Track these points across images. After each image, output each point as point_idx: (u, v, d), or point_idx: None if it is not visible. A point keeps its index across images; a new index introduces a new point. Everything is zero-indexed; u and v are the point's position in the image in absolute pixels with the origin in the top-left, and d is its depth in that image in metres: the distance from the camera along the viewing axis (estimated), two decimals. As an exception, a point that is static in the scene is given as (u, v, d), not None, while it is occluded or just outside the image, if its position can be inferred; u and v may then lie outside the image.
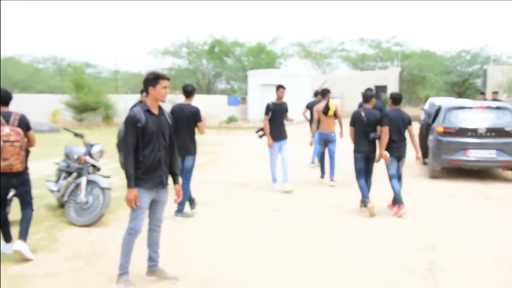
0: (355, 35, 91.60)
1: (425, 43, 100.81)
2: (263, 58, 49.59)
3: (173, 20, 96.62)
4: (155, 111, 6.09)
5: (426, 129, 15.03)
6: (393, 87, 40.50)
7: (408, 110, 45.50)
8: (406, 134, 9.99)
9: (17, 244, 7.14)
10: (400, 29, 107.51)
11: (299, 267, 6.87)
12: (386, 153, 9.72)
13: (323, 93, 13.49)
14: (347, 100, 42.90)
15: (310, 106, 15.33)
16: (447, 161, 13.26)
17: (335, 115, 13.04)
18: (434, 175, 13.77)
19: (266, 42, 51.86)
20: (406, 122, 10.00)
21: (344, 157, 12.69)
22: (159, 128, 6.05)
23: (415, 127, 10.32)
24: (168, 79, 6.10)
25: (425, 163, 15.30)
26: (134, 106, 8.17)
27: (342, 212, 10.05)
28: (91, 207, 8.82)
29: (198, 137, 9.65)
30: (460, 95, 43.98)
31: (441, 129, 13.33)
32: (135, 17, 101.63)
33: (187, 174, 9.53)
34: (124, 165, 5.88)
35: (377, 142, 9.95)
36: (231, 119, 34.06)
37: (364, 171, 10.17)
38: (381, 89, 41.48)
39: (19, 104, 33.53)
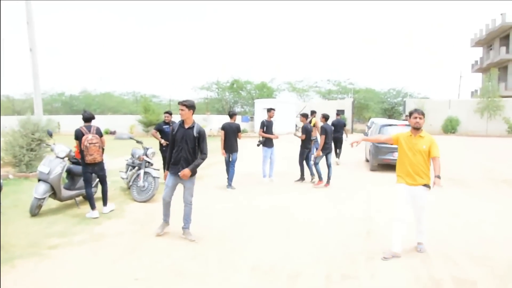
0: (324, 77, 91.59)
1: (368, 83, 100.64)
2: (265, 91, 49.39)
3: (207, 66, 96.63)
4: (186, 126, 6.02)
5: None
6: (348, 111, 40.14)
7: (357, 125, 45.70)
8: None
9: (105, 209, 7.70)
10: (352, 73, 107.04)
11: (282, 231, 6.63)
12: (319, 152, 10.64)
13: (311, 113, 14.72)
14: (319, 120, 42.53)
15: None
16: (381, 160, 13.02)
17: (315, 125, 13.86)
18: (373, 169, 13.48)
19: (267, 81, 51.88)
20: (333, 129, 12.15)
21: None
22: (183, 137, 5.96)
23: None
24: (183, 104, 5.95)
25: (367, 160, 15.10)
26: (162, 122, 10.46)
27: (313, 191, 9.81)
28: (147, 189, 8.65)
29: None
30: (389, 116, 44.62)
31: (377, 139, 13.12)
32: (183, 64, 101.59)
33: (234, 163, 10.25)
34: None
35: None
36: (243, 131, 33.75)
37: (305, 159, 11.18)
38: (341, 112, 41.26)
39: (111, 121, 34.12)
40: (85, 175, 7.43)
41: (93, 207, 7.46)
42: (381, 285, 4.58)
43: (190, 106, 5.97)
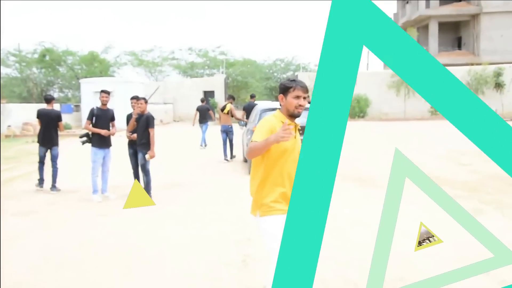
0: (184, 44, 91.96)
1: (247, 52, 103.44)
2: (96, 66, 48.18)
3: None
4: None
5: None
6: (219, 93, 41.00)
7: (236, 111, 46.77)
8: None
9: None
10: (224, 40, 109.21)
11: (128, 264, 6.57)
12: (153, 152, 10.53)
13: (228, 98, 18.76)
14: (179, 105, 42.57)
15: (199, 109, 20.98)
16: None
17: (230, 113, 16.95)
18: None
19: (98, 51, 50.38)
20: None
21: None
22: None
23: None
24: None
25: (245, 161, 15.52)
26: None
27: (167, 209, 9.82)
28: None
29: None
30: (277, 98, 45.93)
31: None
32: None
33: (55, 159, 11.42)
34: None
35: None
36: (65, 127, 32.54)
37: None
38: (209, 94, 41.77)
39: None
40: None
41: None
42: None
43: None
